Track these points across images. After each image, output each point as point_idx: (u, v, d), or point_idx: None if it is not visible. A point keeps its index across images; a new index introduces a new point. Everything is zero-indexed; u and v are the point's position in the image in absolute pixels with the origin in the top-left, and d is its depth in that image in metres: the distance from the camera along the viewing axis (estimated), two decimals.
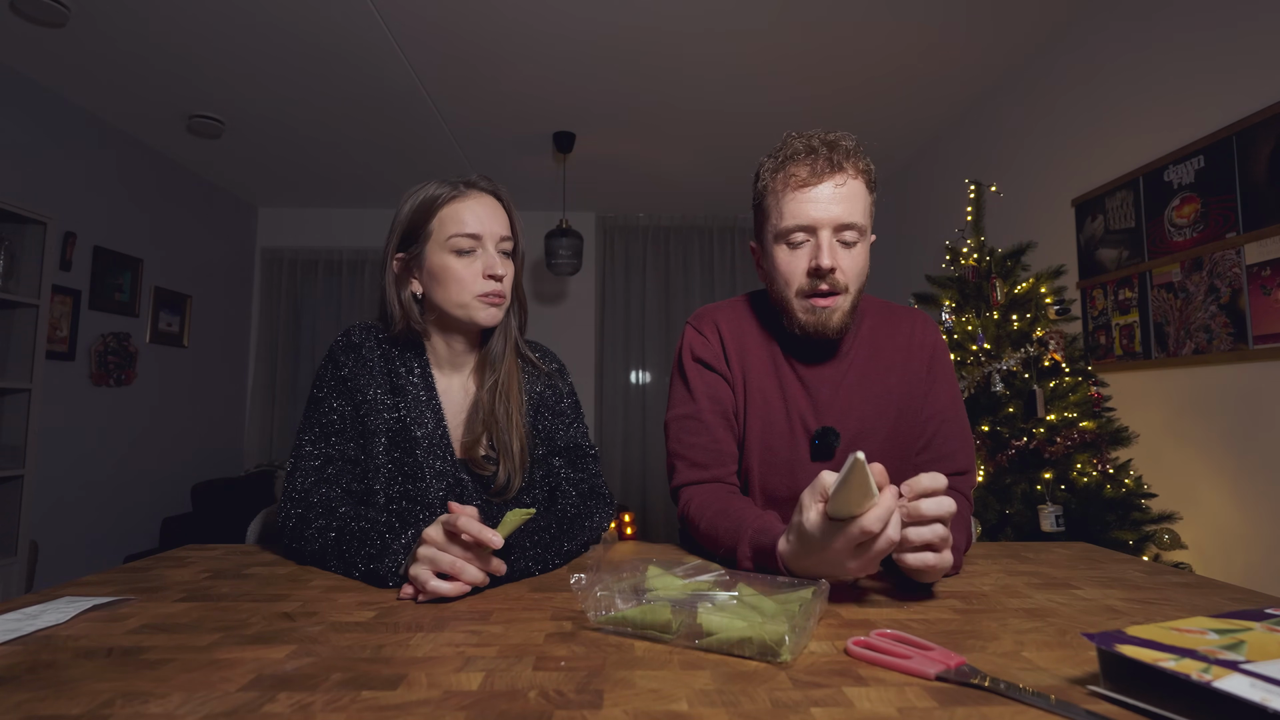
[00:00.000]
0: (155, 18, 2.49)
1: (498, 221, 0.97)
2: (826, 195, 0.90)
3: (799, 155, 0.91)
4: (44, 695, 0.45)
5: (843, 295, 0.94)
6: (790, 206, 0.91)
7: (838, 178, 0.90)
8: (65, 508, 3.14)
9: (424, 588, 0.68)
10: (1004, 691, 0.46)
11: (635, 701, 0.44)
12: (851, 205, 0.91)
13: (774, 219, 0.94)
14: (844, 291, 0.93)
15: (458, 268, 0.94)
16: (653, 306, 4.93)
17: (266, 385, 4.65)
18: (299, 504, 0.88)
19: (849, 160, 0.91)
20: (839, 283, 0.92)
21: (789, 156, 0.92)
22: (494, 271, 0.94)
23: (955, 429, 0.99)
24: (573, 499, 1.02)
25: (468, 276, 0.94)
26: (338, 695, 0.45)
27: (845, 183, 0.90)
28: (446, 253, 0.95)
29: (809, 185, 0.90)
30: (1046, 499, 2.00)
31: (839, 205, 0.90)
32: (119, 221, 3.45)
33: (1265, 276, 1.77)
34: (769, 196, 0.95)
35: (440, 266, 0.95)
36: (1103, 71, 2.38)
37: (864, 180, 0.93)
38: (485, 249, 0.96)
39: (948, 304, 2.39)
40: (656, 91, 3.10)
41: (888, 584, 0.75)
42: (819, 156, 0.90)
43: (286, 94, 3.09)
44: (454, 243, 0.94)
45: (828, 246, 0.90)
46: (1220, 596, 0.70)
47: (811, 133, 0.94)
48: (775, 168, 0.94)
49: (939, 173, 3.54)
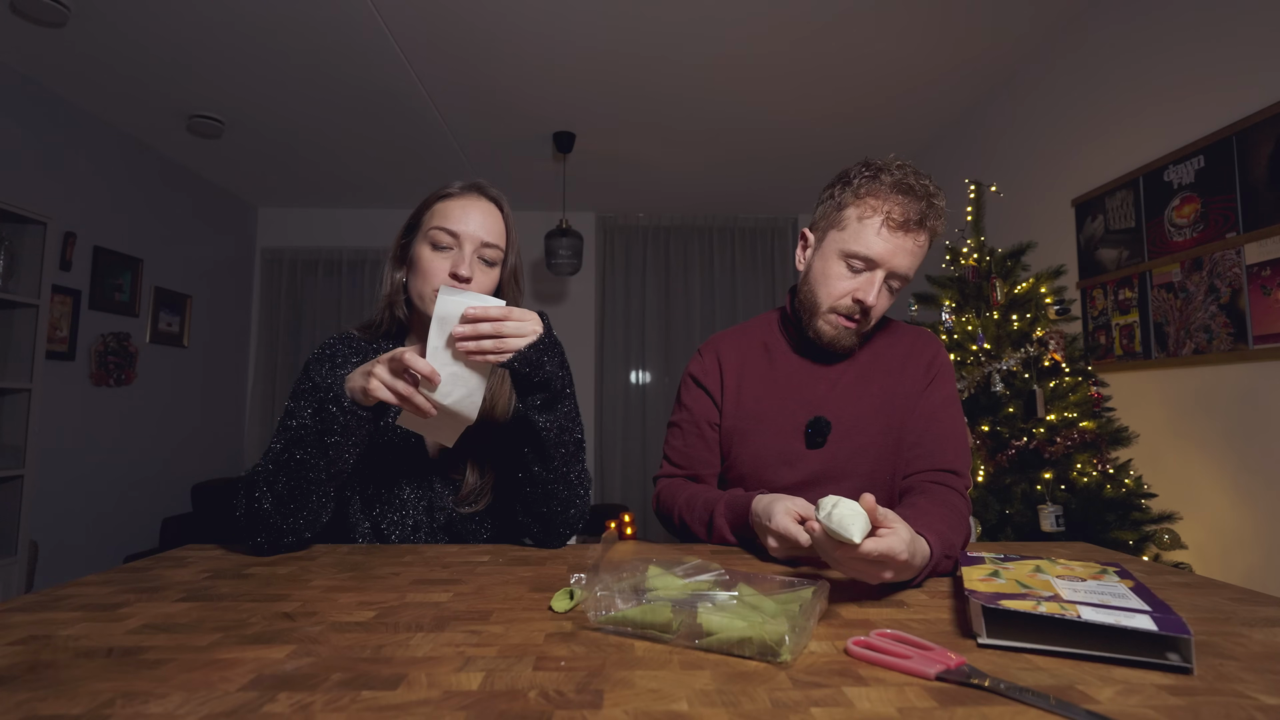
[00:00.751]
0: (155, 18, 2.49)
1: (484, 227, 0.98)
2: (907, 247, 0.94)
3: (905, 192, 0.93)
4: (44, 695, 0.45)
5: (861, 324, 1.00)
6: (869, 236, 0.94)
7: (921, 236, 0.94)
8: (65, 508, 3.14)
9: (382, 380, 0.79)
10: (1004, 691, 0.46)
11: (635, 701, 0.44)
12: (916, 260, 0.96)
13: (848, 234, 0.97)
14: (864, 324, 1.00)
15: (428, 260, 0.97)
16: (653, 306, 4.93)
17: (266, 385, 4.65)
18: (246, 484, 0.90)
19: (937, 221, 0.95)
20: (870, 320, 0.99)
21: (895, 186, 0.94)
22: (458, 271, 0.95)
23: (946, 428, 1.01)
24: None
25: (434, 270, 0.96)
26: (338, 695, 0.45)
27: (922, 242, 0.95)
28: (425, 244, 0.98)
29: (899, 230, 0.93)
30: (1046, 499, 2.00)
31: (909, 258, 0.95)
32: (119, 221, 3.45)
33: (1265, 276, 1.77)
34: (852, 208, 0.97)
35: (416, 256, 0.99)
36: (1103, 71, 2.38)
37: (932, 240, 0.97)
38: (461, 249, 0.97)
39: (948, 304, 2.39)
40: (657, 91, 3.10)
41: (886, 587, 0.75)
42: (921, 205, 0.93)
43: (286, 94, 3.09)
44: (432, 235, 0.97)
45: (878, 286, 0.95)
46: (1220, 596, 0.70)
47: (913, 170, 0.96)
48: (874, 189, 0.95)
49: (939, 173, 3.53)
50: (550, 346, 0.87)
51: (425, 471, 1.02)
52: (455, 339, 0.81)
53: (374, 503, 1.01)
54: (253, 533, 0.88)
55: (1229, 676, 0.48)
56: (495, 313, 0.82)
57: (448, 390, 0.83)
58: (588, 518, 1.01)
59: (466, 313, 0.81)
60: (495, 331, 0.82)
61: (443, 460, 1.03)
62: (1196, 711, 0.43)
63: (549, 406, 0.91)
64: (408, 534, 1.01)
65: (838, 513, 0.63)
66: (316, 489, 0.86)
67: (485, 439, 1.02)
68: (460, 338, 0.81)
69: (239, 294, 4.60)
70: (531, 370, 0.86)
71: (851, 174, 0.98)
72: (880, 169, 0.96)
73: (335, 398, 0.83)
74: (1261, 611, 0.64)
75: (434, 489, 1.02)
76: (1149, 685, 0.47)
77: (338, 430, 0.83)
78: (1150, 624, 0.50)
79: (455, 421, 0.87)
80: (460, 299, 0.82)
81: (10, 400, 2.65)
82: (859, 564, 0.65)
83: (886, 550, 0.63)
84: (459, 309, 0.82)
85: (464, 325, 0.81)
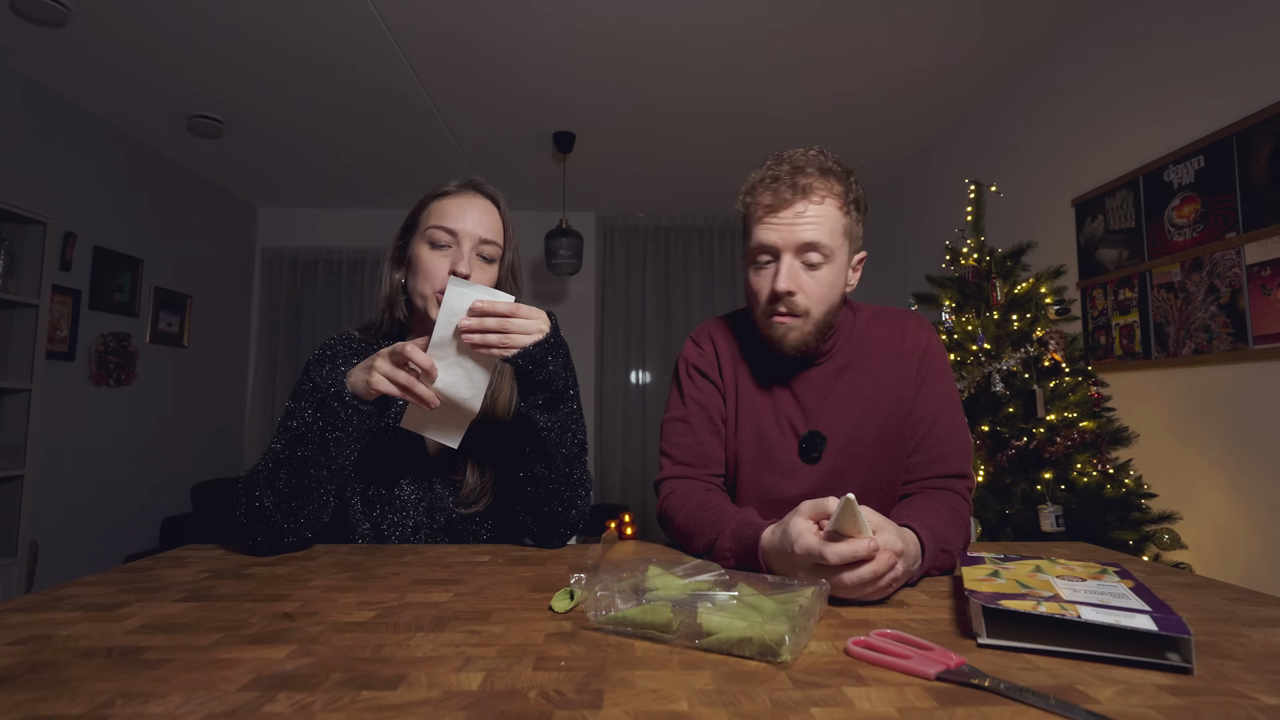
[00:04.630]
0: (155, 18, 2.49)
1: (481, 224, 0.98)
2: (788, 221, 0.92)
3: (764, 183, 0.94)
4: (44, 695, 0.45)
5: (801, 318, 0.95)
6: (756, 230, 0.95)
7: (799, 205, 0.92)
8: (65, 508, 3.14)
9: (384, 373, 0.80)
10: (1004, 691, 0.46)
11: (635, 701, 0.44)
12: (817, 228, 0.92)
13: (747, 241, 0.98)
14: (803, 315, 0.95)
15: (427, 259, 0.97)
16: (653, 306, 4.93)
17: (266, 385, 4.65)
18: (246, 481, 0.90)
19: (817, 183, 0.92)
20: (797, 305, 0.94)
21: (756, 183, 0.96)
22: (457, 268, 0.95)
23: (946, 430, 0.98)
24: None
25: (433, 269, 0.96)
26: (338, 695, 0.45)
27: (806, 210, 0.92)
28: (424, 243, 0.98)
29: (774, 210, 0.93)
30: (1046, 499, 2.00)
31: (802, 230, 0.92)
32: (119, 221, 3.45)
33: (1265, 276, 1.77)
34: (746, 220, 0.99)
35: (415, 255, 0.99)
36: (1103, 71, 2.38)
37: (836, 203, 0.93)
38: (459, 247, 0.97)
39: (948, 304, 2.39)
40: (656, 92, 3.10)
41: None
42: (782, 184, 0.92)
43: (286, 94, 3.09)
44: (430, 234, 0.97)
45: (786, 270, 0.93)
46: (1220, 596, 0.70)
47: (784, 155, 0.96)
48: (747, 192, 0.97)
49: (939, 173, 3.54)
50: (555, 346, 0.87)
51: (426, 473, 1.02)
52: (461, 330, 0.81)
53: (374, 504, 1.01)
54: (253, 533, 0.88)
55: (1229, 676, 0.48)
56: (503, 308, 0.82)
57: (450, 382, 0.83)
58: (588, 518, 1.01)
59: (474, 306, 0.81)
60: (501, 327, 0.82)
61: (443, 461, 1.03)
62: (1196, 711, 0.43)
63: (551, 406, 0.91)
64: (408, 535, 1.01)
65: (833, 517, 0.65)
66: (318, 487, 0.86)
67: (486, 438, 1.02)
68: (466, 330, 0.81)
69: (239, 294, 4.60)
70: (535, 368, 0.86)
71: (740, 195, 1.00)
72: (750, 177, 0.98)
73: (337, 393, 0.83)
74: (1261, 611, 0.64)
75: (434, 490, 1.02)
76: (1149, 685, 0.47)
77: (339, 425, 0.83)
78: (1150, 624, 0.50)
79: (458, 416, 0.87)
80: (469, 292, 0.82)
81: (10, 400, 2.65)
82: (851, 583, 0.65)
83: (850, 551, 0.63)
84: (466, 302, 0.82)
85: (470, 319, 0.81)
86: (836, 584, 0.65)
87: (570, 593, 0.66)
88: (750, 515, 0.82)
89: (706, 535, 0.86)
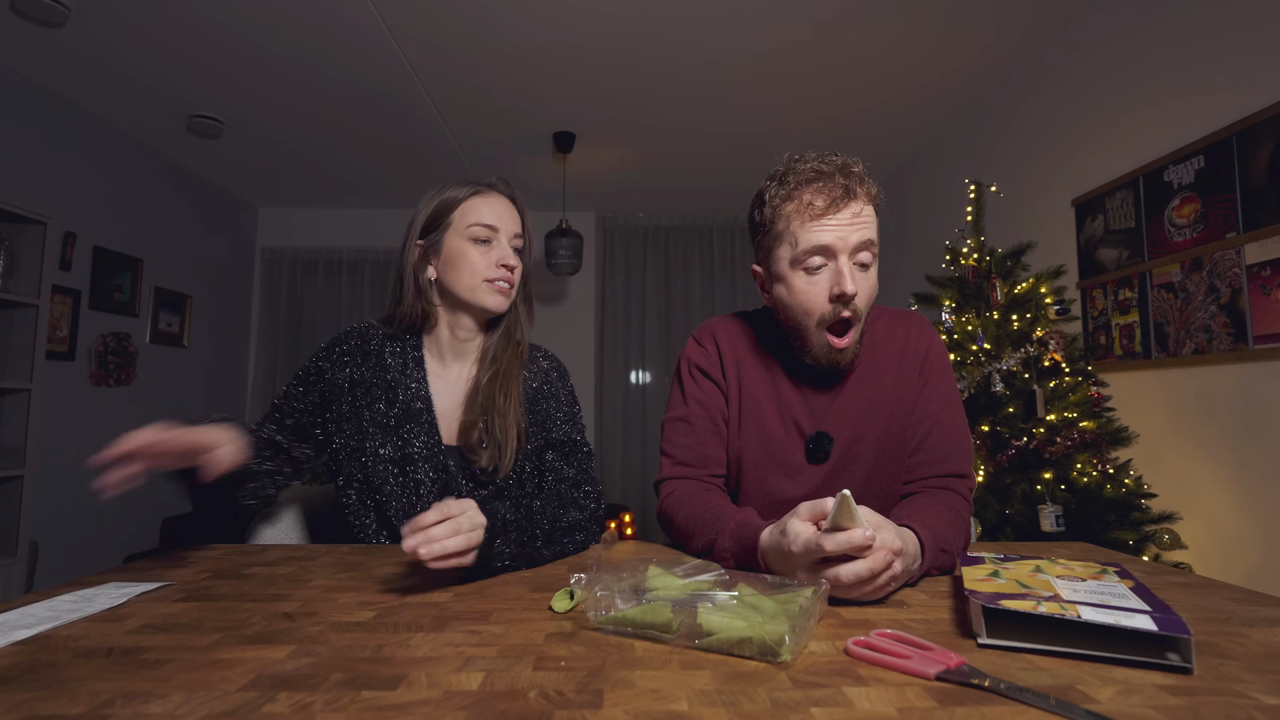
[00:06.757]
0: (155, 18, 2.49)
1: (512, 220, 1.07)
2: (845, 221, 0.89)
3: (812, 182, 0.90)
4: (44, 695, 0.45)
5: (856, 327, 0.94)
6: (809, 234, 0.90)
7: (854, 204, 0.90)
8: (65, 508, 3.14)
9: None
10: (1004, 691, 0.46)
11: (635, 701, 0.44)
12: (870, 227, 0.91)
13: (788, 245, 0.92)
14: (858, 321, 0.94)
15: (474, 254, 1.04)
16: (653, 306, 4.93)
17: (266, 385, 4.65)
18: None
19: (862, 186, 0.91)
20: (859, 308, 0.92)
21: (801, 183, 0.90)
22: (507, 262, 1.05)
23: (947, 430, 0.98)
24: (560, 491, 1.03)
25: (482, 264, 1.04)
26: (338, 695, 0.45)
27: (862, 210, 0.90)
28: (465, 240, 1.04)
29: (828, 211, 0.89)
30: (1046, 499, 1.99)
31: (859, 232, 0.89)
32: (119, 221, 3.45)
33: (1265, 276, 1.77)
34: (780, 223, 0.93)
35: (458, 252, 1.04)
36: (1103, 71, 2.38)
37: (874, 205, 0.93)
38: (500, 241, 1.05)
39: (948, 304, 2.39)
40: (656, 92, 3.10)
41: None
42: (834, 185, 0.89)
43: (286, 94, 3.09)
44: (473, 231, 1.04)
45: (849, 272, 0.89)
46: (1220, 596, 0.70)
47: (817, 155, 0.93)
48: (786, 195, 0.92)
49: (939, 173, 3.54)
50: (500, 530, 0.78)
51: (442, 456, 1.04)
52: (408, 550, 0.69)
53: (395, 486, 1.02)
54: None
55: (1229, 676, 0.48)
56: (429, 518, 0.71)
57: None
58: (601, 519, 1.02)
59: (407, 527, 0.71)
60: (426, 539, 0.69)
61: (464, 481, 1.05)
62: (1196, 711, 0.43)
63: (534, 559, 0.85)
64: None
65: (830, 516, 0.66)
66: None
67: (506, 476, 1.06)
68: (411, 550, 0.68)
69: (239, 294, 4.59)
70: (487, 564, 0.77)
71: (764, 192, 0.96)
72: (786, 172, 0.93)
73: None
74: (1261, 611, 0.64)
75: (449, 470, 1.04)
76: (1149, 685, 0.47)
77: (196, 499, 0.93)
78: (1150, 624, 0.50)
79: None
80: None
81: (10, 400, 2.65)
82: (848, 580, 0.65)
83: (846, 539, 0.63)
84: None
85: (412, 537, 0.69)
86: (835, 583, 0.65)
87: (570, 593, 0.66)
88: (749, 515, 0.82)
89: (706, 535, 0.86)
